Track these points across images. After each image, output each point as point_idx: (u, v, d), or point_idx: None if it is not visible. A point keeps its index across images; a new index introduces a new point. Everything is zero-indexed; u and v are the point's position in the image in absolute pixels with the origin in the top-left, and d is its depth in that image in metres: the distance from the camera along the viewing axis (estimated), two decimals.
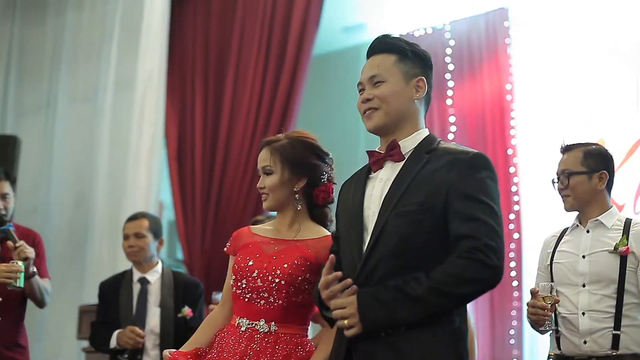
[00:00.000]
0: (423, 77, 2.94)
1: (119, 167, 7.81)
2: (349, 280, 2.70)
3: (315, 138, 3.44)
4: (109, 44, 8.25)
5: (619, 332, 3.79)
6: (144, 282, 5.20)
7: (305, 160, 3.33)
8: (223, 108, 7.90)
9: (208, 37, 8.27)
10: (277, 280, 3.16)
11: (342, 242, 2.96)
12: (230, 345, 3.17)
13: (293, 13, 7.71)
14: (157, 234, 5.31)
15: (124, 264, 6.61)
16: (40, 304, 5.02)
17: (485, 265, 2.62)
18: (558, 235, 4.18)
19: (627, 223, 3.97)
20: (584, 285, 3.91)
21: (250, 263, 3.23)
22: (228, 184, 7.60)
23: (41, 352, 7.78)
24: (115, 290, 5.22)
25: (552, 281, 4.03)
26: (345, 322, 2.64)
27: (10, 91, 8.94)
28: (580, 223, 4.09)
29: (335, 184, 3.42)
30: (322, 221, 3.39)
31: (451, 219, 2.70)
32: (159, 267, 5.28)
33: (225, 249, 3.47)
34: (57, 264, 7.92)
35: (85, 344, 6.62)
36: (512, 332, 6.99)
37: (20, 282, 4.58)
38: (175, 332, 5.01)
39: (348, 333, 2.65)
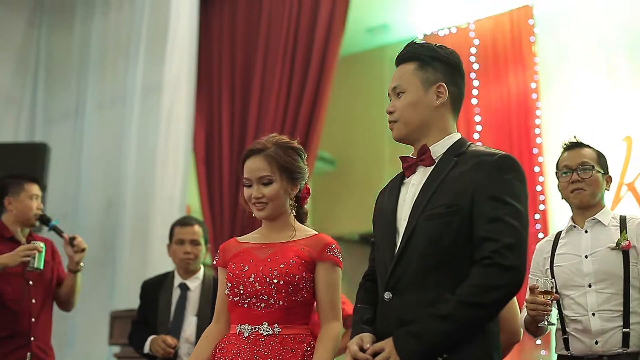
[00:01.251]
0: (443, 83, 2.92)
1: (147, 171, 7.85)
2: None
3: (295, 140, 3.45)
4: (135, 49, 8.29)
5: (628, 330, 3.77)
6: (184, 288, 5.17)
7: (298, 166, 3.35)
8: (250, 111, 7.93)
9: (234, 41, 8.30)
10: (275, 281, 3.17)
11: (377, 247, 2.99)
12: (234, 353, 3.19)
13: (319, 15, 7.73)
14: (206, 241, 5.30)
15: (154, 269, 6.67)
16: (71, 304, 5.08)
17: (503, 267, 2.63)
18: (552, 239, 4.15)
19: (623, 219, 3.96)
20: (590, 286, 3.88)
21: (246, 268, 3.24)
22: None
23: (72, 357, 7.84)
24: (155, 292, 5.19)
25: (555, 285, 3.95)
26: None
27: (39, 98, 9.00)
28: (576, 224, 4.07)
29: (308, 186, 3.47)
30: (303, 220, 3.43)
31: (476, 220, 2.72)
32: (201, 273, 5.25)
33: (214, 262, 3.46)
34: (88, 269, 7.95)
35: (117, 349, 6.69)
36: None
37: (40, 263, 4.60)
38: None
39: None
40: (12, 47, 9.11)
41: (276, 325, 3.18)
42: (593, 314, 3.84)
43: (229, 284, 3.27)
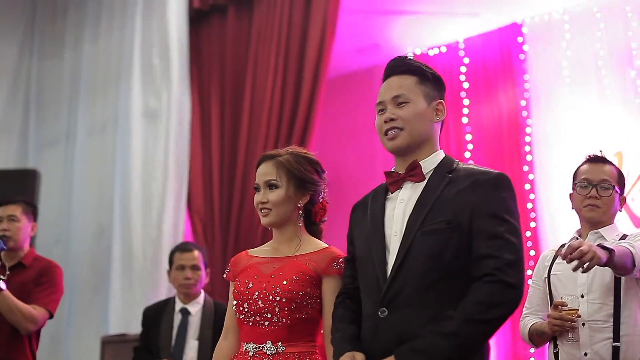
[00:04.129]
0: (442, 100, 2.99)
1: (138, 197, 7.82)
2: None
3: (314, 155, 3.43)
4: (125, 75, 8.27)
5: (618, 344, 3.75)
6: (185, 313, 5.26)
7: (310, 176, 3.31)
8: (240, 134, 7.90)
9: (224, 64, 8.29)
10: (277, 299, 3.13)
11: (362, 264, 2.96)
12: None
13: (308, 37, 7.71)
14: (206, 266, 5.41)
15: (147, 296, 6.66)
16: (18, 327, 4.72)
17: (508, 284, 2.68)
18: (556, 249, 4.13)
19: (624, 237, 3.93)
20: (582, 296, 3.88)
21: (250, 285, 3.20)
22: (247, 211, 7.60)
23: None
24: (157, 318, 5.28)
25: (550, 293, 4.02)
26: None
27: (31, 124, 9.01)
28: (580, 236, 4.06)
29: (328, 202, 3.41)
30: (318, 238, 3.37)
31: (475, 237, 2.74)
32: (201, 297, 5.34)
33: (224, 275, 3.42)
34: (80, 295, 7.95)
35: None
36: (532, 350, 6.95)
37: None
38: None
39: None
40: (4, 75, 9.14)
41: (280, 343, 3.13)
42: (583, 324, 3.83)
43: (235, 301, 3.23)
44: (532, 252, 7.11)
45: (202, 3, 8.20)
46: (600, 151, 4.13)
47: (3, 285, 4.65)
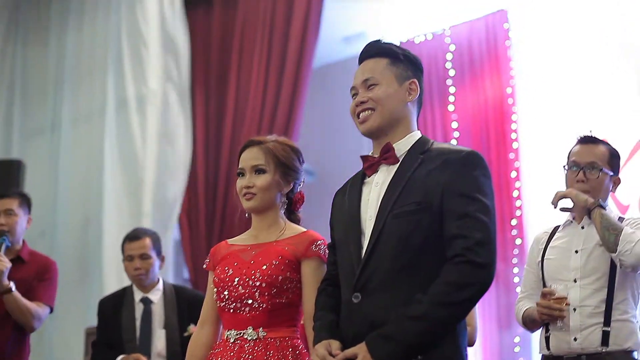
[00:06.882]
0: (415, 80, 2.97)
1: (125, 187, 7.78)
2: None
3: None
4: (112, 62, 8.24)
5: (608, 329, 3.75)
6: (147, 302, 5.07)
7: (295, 164, 3.34)
8: (225, 124, 7.89)
9: (208, 52, 8.27)
10: (257, 284, 3.13)
11: (340, 249, 2.96)
12: None
13: (292, 25, 7.71)
14: (159, 252, 5.19)
15: None
16: (25, 325, 4.79)
17: (477, 265, 2.64)
18: (550, 232, 4.13)
19: (620, 220, 3.91)
20: (575, 281, 3.86)
21: (230, 272, 3.20)
22: (231, 202, 7.58)
23: None
24: (116, 310, 5.08)
25: (543, 277, 4.01)
26: None
27: (15, 114, 8.94)
28: (573, 219, 4.04)
29: (304, 193, 3.44)
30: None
31: (446, 218, 2.72)
32: (160, 284, 5.17)
33: (204, 266, 3.43)
34: (65, 286, 7.88)
35: None
36: (517, 339, 6.95)
37: None
38: (183, 353, 4.90)
39: None
40: None
41: (261, 329, 3.14)
42: (574, 309, 3.82)
43: (216, 289, 3.24)
44: (518, 241, 7.09)
45: None
46: (591, 131, 4.08)
47: (13, 286, 4.66)
